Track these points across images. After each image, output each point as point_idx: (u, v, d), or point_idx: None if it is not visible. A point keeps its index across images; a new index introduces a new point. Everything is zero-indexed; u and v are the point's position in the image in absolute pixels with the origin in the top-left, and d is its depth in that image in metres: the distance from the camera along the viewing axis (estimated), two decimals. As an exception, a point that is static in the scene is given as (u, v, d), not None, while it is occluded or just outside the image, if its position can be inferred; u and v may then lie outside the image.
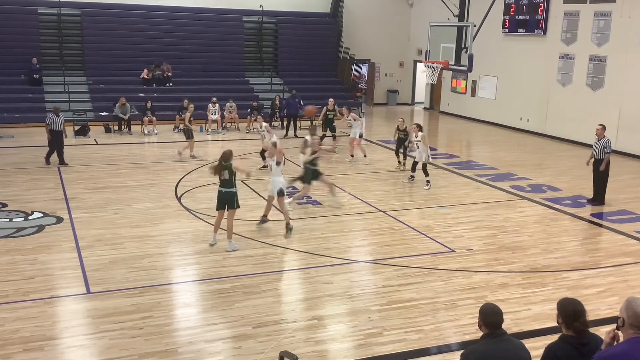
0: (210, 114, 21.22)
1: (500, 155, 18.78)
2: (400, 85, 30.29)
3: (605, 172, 13.31)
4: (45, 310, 7.83)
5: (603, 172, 13.29)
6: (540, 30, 21.80)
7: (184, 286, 8.93)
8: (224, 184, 10.20)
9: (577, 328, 4.14)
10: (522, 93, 22.91)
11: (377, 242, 10.83)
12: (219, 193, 10.26)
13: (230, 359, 6.87)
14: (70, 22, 24.47)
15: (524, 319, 7.89)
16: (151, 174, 15.18)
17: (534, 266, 9.80)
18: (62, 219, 11.45)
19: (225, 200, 10.18)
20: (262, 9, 26.53)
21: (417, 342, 7.26)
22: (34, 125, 20.68)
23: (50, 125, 15.80)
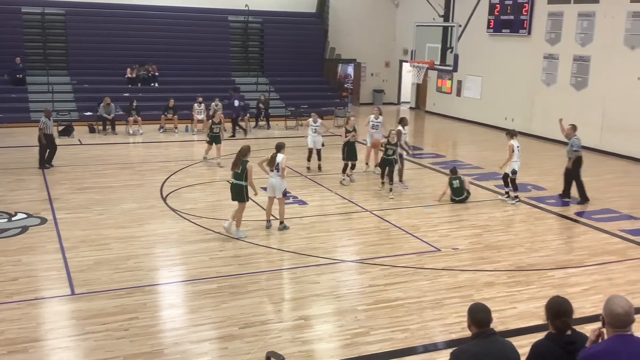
0: (196, 114, 21.13)
1: (485, 154, 18.87)
2: (386, 85, 30.36)
3: (574, 170, 13.67)
4: (29, 312, 7.76)
5: (572, 170, 13.67)
6: (525, 31, 21.95)
7: (170, 287, 8.89)
8: (235, 176, 10.69)
9: (558, 325, 4.20)
10: (507, 93, 23.05)
11: (364, 241, 10.84)
12: (230, 185, 10.86)
13: (216, 359, 6.84)
14: (54, 22, 24.25)
15: (509, 318, 7.94)
16: (136, 175, 15.09)
17: (519, 265, 9.86)
18: (46, 220, 11.35)
19: (234, 192, 10.71)
20: (247, 9, 26.46)
21: (403, 342, 7.28)
22: (18, 125, 20.55)
23: (44, 129, 15.39)
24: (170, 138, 20.17)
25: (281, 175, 10.96)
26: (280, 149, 11.10)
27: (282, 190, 11.08)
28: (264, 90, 24.84)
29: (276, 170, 10.97)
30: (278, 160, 10.93)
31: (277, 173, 10.98)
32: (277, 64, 26.99)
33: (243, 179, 10.61)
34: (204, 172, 15.54)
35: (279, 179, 10.98)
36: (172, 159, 16.76)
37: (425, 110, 28.12)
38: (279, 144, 11.28)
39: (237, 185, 10.65)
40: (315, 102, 24.67)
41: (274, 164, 10.94)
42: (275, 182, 11.01)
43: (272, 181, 11.05)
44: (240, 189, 10.64)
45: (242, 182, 10.63)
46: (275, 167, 10.94)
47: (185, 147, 19.04)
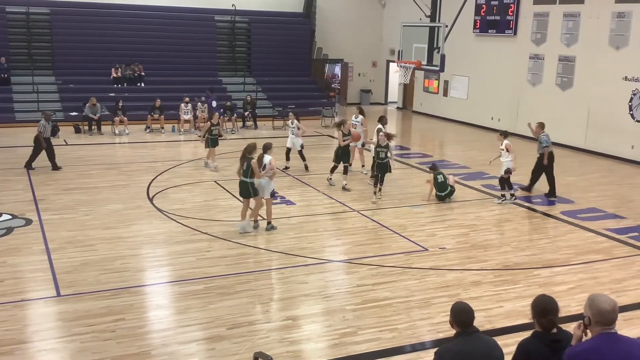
0: (183, 114, 21.05)
1: (472, 154, 18.95)
2: (373, 85, 30.42)
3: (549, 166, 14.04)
4: (15, 314, 7.68)
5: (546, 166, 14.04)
6: (511, 31, 22.08)
7: (157, 288, 8.84)
8: (243, 173, 10.88)
9: (544, 324, 4.24)
10: (493, 93, 23.18)
11: (352, 241, 10.85)
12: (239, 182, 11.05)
13: (204, 360, 6.82)
14: (39, 21, 24.06)
15: (496, 316, 7.98)
16: (122, 175, 15.00)
17: (505, 264, 9.91)
18: (32, 220, 11.25)
19: (242, 189, 10.95)
20: (234, 8, 26.41)
21: (391, 341, 7.29)
22: (1, 126, 20.35)
23: (43, 133, 15.11)
24: (157, 138, 20.08)
25: (270, 175, 10.93)
26: (267, 150, 11.09)
27: (270, 190, 11.06)
28: (251, 90, 24.79)
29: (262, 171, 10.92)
30: (265, 161, 10.91)
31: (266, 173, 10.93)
32: (264, 63, 26.95)
33: (248, 175, 10.78)
34: (191, 172, 15.48)
35: (266, 179, 10.95)
36: (158, 159, 16.68)
37: (412, 110, 28.20)
38: (266, 144, 11.23)
39: (243, 182, 10.90)
40: (302, 102, 24.71)
41: (261, 165, 10.91)
42: (262, 182, 10.98)
43: (260, 181, 11.01)
44: (246, 186, 10.87)
45: (246, 179, 10.82)
46: (262, 167, 10.90)
47: (172, 147, 18.96)
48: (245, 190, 10.94)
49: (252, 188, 10.86)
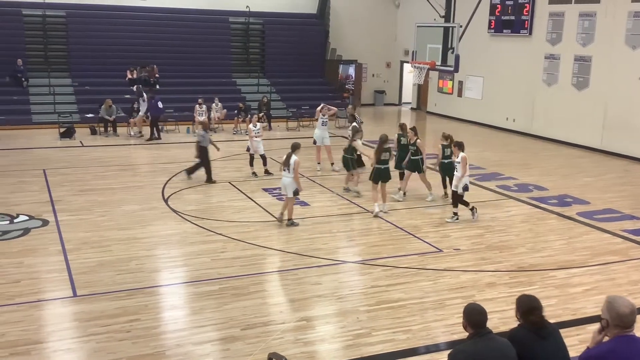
0: (197, 115, 21.15)
1: (486, 155, 18.85)
2: (387, 85, 30.37)
3: None
4: (31, 314, 7.76)
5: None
6: (526, 31, 21.94)
7: (172, 288, 8.89)
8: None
9: (534, 320, 4.43)
10: (508, 93, 23.05)
11: (366, 242, 10.84)
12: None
13: (218, 361, 6.85)
14: (55, 24, 24.28)
15: (511, 318, 7.89)
16: (138, 176, 15.10)
17: (521, 265, 9.85)
18: (48, 221, 11.36)
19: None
20: (248, 10, 26.48)
21: (405, 342, 7.27)
22: (19, 127, 20.56)
23: (202, 142, 14.55)
24: (172, 139, 20.17)
25: (294, 175, 11.19)
26: (295, 150, 11.38)
27: (293, 189, 11.27)
28: (265, 92, 24.85)
29: (287, 170, 11.21)
30: (291, 161, 11.18)
31: (289, 173, 11.21)
32: (278, 65, 27.01)
33: (290, 173, 11.20)
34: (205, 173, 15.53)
35: (290, 179, 11.21)
36: (173, 161, 16.75)
37: (427, 111, 28.11)
38: (295, 144, 11.55)
39: (285, 180, 11.30)
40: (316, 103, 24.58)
41: (287, 164, 11.19)
42: (286, 181, 11.27)
43: (284, 180, 11.33)
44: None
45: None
46: (287, 167, 11.18)
47: (186, 149, 19.02)
48: (285, 186, 11.34)
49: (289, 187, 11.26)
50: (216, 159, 16.75)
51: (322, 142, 15.99)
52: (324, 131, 16.02)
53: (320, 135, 15.98)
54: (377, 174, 12.24)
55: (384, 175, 12.32)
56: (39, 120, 21.21)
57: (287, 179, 11.27)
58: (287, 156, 11.30)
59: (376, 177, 12.25)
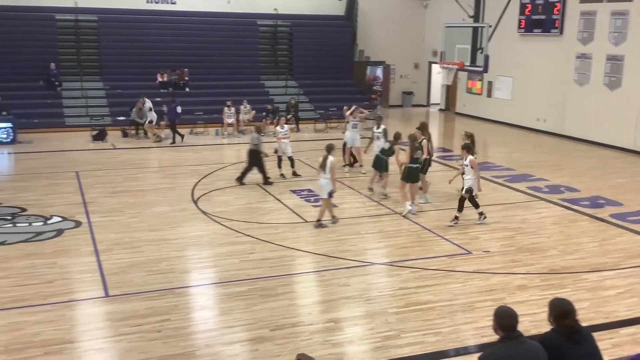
0: (226, 117, 21.31)
1: (517, 156, 18.65)
2: (415, 86, 30.22)
3: None
4: (64, 314, 7.90)
5: None
6: (557, 30, 21.65)
7: (201, 289, 8.97)
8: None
9: (567, 324, 4.38)
10: (539, 93, 22.76)
11: (394, 244, 10.80)
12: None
13: (247, 361, 6.89)
14: (87, 28, 24.70)
15: (542, 321, 7.79)
16: (168, 178, 15.27)
17: (552, 268, 9.72)
18: (81, 223, 11.55)
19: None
20: (276, 12, 26.59)
21: (434, 345, 7.23)
22: (52, 130, 20.93)
23: (259, 146, 14.49)
24: (201, 141, 20.35)
25: (330, 176, 11.36)
26: (330, 151, 11.57)
27: (328, 191, 11.42)
28: (293, 94, 24.93)
29: (324, 171, 11.37)
30: (327, 162, 11.37)
31: (326, 174, 11.36)
32: (306, 67, 27.07)
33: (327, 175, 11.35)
34: (234, 175, 15.62)
35: (327, 180, 11.36)
36: (202, 163, 16.91)
37: (455, 111, 27.91)
38: (330, 145, 11.77)
39: (322, 180, 11.46)
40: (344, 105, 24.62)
41: (324, 165, 11.36)
42: (323, 182, 11.41)
43: (321, 182, 11.47)
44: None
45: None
46: (324, 168, 11.36)
47: (215, 151, 19.20)
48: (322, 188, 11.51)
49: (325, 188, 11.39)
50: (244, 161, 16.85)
51: (353, 144, 16.00)
52: (354, 133, 16.02)
53: (351, 137, 16.00)
54: (409, 173, 12.19)
55: (416, 175, 12.26)
56: (72, 124, 21.59)
57: (324, 180, 11.41)
58: (323, 158, 11.45)
59: (408, 176, 12.19)
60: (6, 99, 20.33)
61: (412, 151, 12.23)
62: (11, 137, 19.15)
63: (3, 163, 17.52)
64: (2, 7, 23.29)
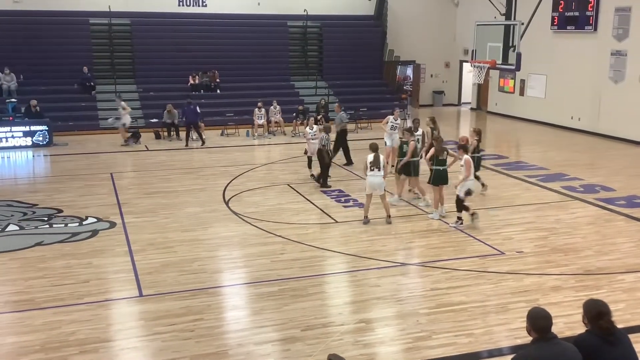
0: (257, 118, 21.44)
1: (550, 155, 18.38)
2: (446, 86, 30.00)
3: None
4: (99, 313, 8.04)
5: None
6: (591, 27, 21.27)
7: (233, 289, 9.04)
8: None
9: (602, 326, 4.29)
10: (573, 91, 22.38)
11: (425, 244, 10.74)
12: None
13: (279, 361, 6.93)
14: (121, 32, 25.12)
15: (577, 323, 7.67)
16: (200, 179, 15.42)
17: (587, 268, 9.55)
18: (115, 223, 11.74)
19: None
20: (306, 14, 26.67)
21: (467, 346, 7.17)
22: (87, 132, 21.32)
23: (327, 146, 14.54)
24: (232, 143, 20.50)
25: (384, 174, 11.64)
26: (377, 149, 11.79)
27: (383, 187, 11.67)
28: (323, 94, 24.96)
29: (377, 169, 11.51)
30: (381, 160, 11.63)
31: (380, 172, 11.53)
32: (336, 67, 27.07)
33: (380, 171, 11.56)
34: (265, 175, 15.75)
35: (380, 178, 11.53)
36: (233, 164, 17.04)
37: (487, 110, 27.62)
38: (374, 144, 11.97)
39: (376, 179, 11.58)
40: (374, 105, 24.66)
41: (378, 164, 11.53)
42: (378, 180, 11.53)
43: (376, 180, 11.53)
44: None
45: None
46: (378, 166, 11.53)
47: (246, 152, 19.34)
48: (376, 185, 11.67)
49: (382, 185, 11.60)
50: (275, 161, 16.99)
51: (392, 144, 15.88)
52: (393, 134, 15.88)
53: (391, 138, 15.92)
54: (437, 175, 12.09)
55: (444, 177, 12.16)
56: (106, 126, 21.94)
57: (378, 179, 11.52)
58: (374, 157, 11.60)
59: (436, 179, 12.09)
60: (42, 102, 20.76)
61: (440, 153, 12.13)
62: (47, 139, 19.57)
63: (40, 165, 17.90)
64: (38, 12, 23.84)
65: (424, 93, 29.71)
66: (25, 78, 22.66)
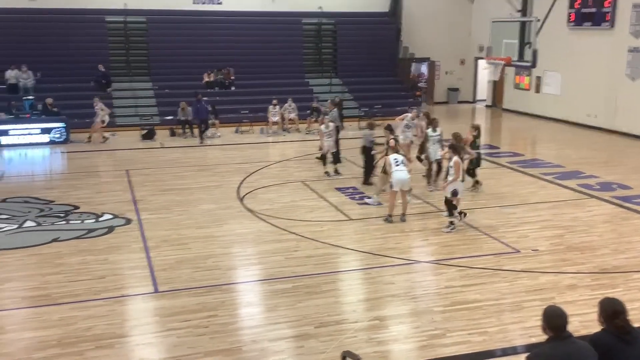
0: (271, 115, 21.48)
1: (566, 152, 18.24)
2: (461, 83, 29.84)
3: None
4: (115, 309, 8.11)
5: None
6: (608, 24, 21.05)
7: (247, 286, 9.08)
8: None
9: (618, 324, 4.28)
10: (589, 88, 22.18)
11: (439, 242, 10.71)
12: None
13: (293, 358, 6.94)
14: (136, 30, 25.26)
15: (592, 322, 7.61)
16: (214, 176, 15.49)
17: (603, 267, 9.48)
18: (131, 220, 11.82)
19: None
20: (321, 10, 26.64)
21: (481, 344, 7.15)
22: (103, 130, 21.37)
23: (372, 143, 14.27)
24: (246, 140, 20.55)
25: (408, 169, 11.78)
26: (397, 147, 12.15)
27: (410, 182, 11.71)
28: (337, 92, 24.94)
29: (403, 165, 11.58)
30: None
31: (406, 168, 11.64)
32: (351, 64, 27.02)
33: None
34: (279, 173, 15.77)
35: (407, 172, 11.62)
36: (248, 161, 17.09)
37: (502, 107, 27.45)
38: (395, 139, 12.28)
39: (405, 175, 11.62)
40: (388, 102, 24.60)
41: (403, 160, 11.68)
42: (407, 175, 11.55)
43: (404, 175, 11.51)
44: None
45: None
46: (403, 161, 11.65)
47: (260, 149, 19.38)
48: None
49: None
50: (289, 159, 17.02)
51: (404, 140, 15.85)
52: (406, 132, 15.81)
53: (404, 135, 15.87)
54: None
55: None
56: (122, 123, 22.09)
57: (406, 174, 11.55)
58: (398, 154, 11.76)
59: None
60: (59, 99, 20.93)
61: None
62: (64, 136, 19.74)
63: (56, 162, 18.07)
64: (54, 10, 24.02)
65: (439, 90, 29.59)
66: (42, 76, 22.87)
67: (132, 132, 20.89)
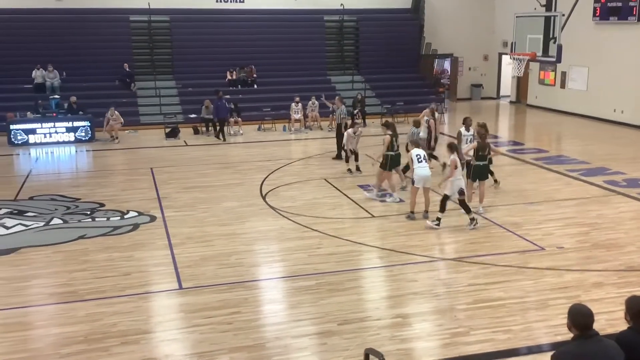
0: (293, 113, 21.52)
1: (592, 148, 17.99)
2: (484, 79, 29.59)
3: None
4: (140, 305, 8.20)
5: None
6: (634, 17, 20.72)
7: (270, 283, 9.11)
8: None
9: None
10: (616, 83, 21.85)
11: (462, 239, 10.64)
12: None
13: (316, 355, 6.96)
14: (160, 29, 25.48)
15: (619, 320, 7.52)
16: (237, 174, 15.56)
17: (630, 265, 9.34)
18: (156, 217, 11.93)
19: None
20: (342, 8, 26.61)
21: (505, 343, 7.10)
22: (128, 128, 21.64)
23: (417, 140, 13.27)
24: (269, 137, 20.62)
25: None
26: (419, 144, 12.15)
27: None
28: (359, 89, 24.90)
29: (425, 161, 11.58)
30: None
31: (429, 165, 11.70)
32: (373, 61, 26.95)
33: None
34: (301, 170, 15.80)
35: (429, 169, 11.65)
36: (270, 158, 17.14)
37: (527, 103, 27.16)
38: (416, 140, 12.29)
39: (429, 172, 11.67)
40: (411, 99, 24.49)
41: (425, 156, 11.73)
42: (429, 172, 11.60)
43: (427, 172, 11.53)
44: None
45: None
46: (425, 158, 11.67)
47: (283, 147, 19.43)
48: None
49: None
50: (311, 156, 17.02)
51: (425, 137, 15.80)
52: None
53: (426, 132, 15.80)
54: (475, 171, 11.96)
55: (484, 173, 12.02)
56: (146, 121, 22.32)
57: (428, 170, 11.59)
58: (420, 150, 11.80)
59: (475, 174, 11.97)
60: (84, 98, 21.20)
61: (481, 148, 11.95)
62: (89, 135, 19.99)
63: (82, 160, 18.32)
64: (80, 10, 24.33)
65: (462, 86, 29.39)
66: (67, 75, 23.19)
67: (156, 131, 21.07)
